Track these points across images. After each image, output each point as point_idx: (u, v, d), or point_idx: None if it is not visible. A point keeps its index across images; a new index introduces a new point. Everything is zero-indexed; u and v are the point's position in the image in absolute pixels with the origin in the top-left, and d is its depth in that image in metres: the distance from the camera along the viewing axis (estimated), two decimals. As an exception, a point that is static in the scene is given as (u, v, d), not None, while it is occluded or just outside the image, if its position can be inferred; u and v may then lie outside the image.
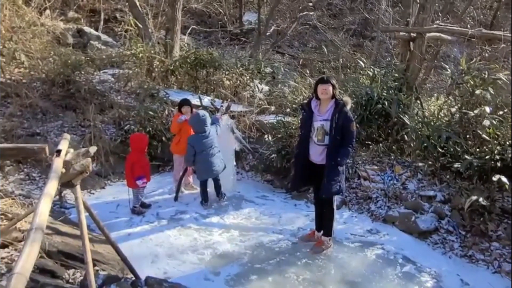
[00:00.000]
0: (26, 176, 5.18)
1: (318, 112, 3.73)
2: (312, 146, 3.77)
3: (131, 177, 4.60)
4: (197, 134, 4.76)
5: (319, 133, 3.69)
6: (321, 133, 3.69)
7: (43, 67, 6.60)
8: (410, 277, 3.62)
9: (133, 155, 4.68)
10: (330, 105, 3.68)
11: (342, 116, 3.60)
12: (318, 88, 3.68)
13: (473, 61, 5.02)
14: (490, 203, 4.00)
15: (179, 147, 5.09)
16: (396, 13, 10.34)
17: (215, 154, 4.80)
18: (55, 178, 2.15)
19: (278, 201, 5.20)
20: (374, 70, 6.27)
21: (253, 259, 3.84)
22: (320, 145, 3.71)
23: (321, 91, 3.66)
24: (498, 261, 3.79)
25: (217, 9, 13.10)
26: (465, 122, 4.77)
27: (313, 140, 3.75)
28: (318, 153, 3.75)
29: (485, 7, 12.64)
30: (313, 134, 3.74)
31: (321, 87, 3.66)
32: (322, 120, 3.68)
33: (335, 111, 3.61)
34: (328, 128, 3.64)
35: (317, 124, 3.71)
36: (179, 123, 5.05)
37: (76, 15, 10.51)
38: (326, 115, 3.66)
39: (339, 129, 3.60)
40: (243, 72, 7.34)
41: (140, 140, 4.73)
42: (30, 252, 1.49)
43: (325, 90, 3.63)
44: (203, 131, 4.71)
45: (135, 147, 4.69)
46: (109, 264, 3.49)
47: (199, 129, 4.73)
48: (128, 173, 4.63)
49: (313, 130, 3.74)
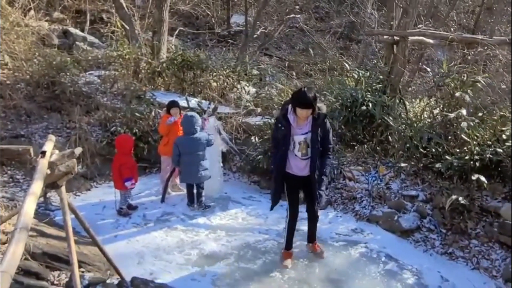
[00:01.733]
0: (10, 178, 5.13)
1: (296, 125, 3.51)
2: (293, 160, 3.59)
3: (119, 179, 4.59)
4: (185, 135, 4.79)
5: (302, 147, 3.54)
6: (304, 147, 3.54)
7: (28, 68, 6.53)
8: (392, 275, 3.71)
9: (119, 157, 4.67)
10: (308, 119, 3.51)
11: (323, 127, 3.50)
12: (298, 110, 3.41)
13: (452, 64, 5.16)
14: (469, 202, 4.12)
15: (167, 149, 5.11)
16: (381, 17, 10.51)
17: (201, 161, 4.77)
18: (40, 179, 2.16)
19: (265, 202, 5.24)
20: (359, 73, 6.38)
21: (240, 259, 3.88)
22: (304, 159, 3.57)
23: (300, 115, 3.43)
24: (476, 258, 3.91)
25: (205, 11, 13.12)
26: (446, 124, 4.91)
27: (294, 155, 3.57)
28: (302, 167, 3.60)
29: (467, 11, 12.95)
30: (294, 149, 3.55)
31: (301, 112, 3.41)
32: (303, 133, 3.51)
33: (316, 123, 3.47)
34: (310, 141, 3.51)
35: (298, 138, 3.53)
36: (168, 125, 5.06)
37: (62, 16, 10.41)
38: (306, 128, 3.50)
39: (321, 140, 3.51)
40: (230, 74, 7.38)
41: (126, 142, 4.74)
42: (15, 251, 1.51)
43: (305, 115, 3.43)
44: (191, 133, 4.74)
45: (121, 149, 4.68)
46: (94, 266, 3.50)
47: (187, 130, 4.76)
48: (116, 175, 4.63)
49: (293, 144, 3.55)
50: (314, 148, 3.52)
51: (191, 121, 4.74)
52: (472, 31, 10.27)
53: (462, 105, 4.72)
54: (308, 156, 3.55)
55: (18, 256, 1.53)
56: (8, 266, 1.45)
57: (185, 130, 4.78)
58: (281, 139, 3.56)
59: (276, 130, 3.66)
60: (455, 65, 5.22)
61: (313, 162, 3.55)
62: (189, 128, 4.74)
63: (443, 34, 5.79)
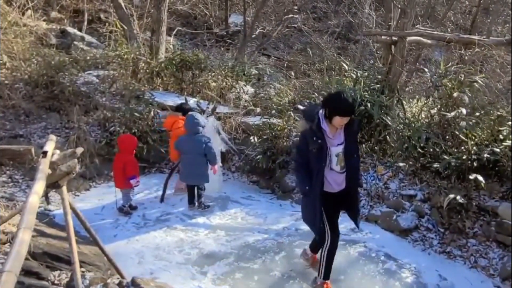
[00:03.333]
0: (9, 178, 5.13)
1: (330, 135, 3.09)
2: (331, 176, 3.14)
3: (122, 178, 4.63)
4: (187, 134, 4.80)
5: (340, 160, 3.11)
6: (342, 159, 3.12)
7: (26, 68, 6.53)
8: (391, 274, 3.73)
9: (123, 156, 4.72)
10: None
11: (355, 130, 3.18)
12: (337, 119, 2.98)
13: (449, 65, 5.19)
14: (467, 201, 4.15)
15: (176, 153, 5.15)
16: (379, 17, 10.55)
17: (201, 164, 4.74)
18: (42, 179, 2.17)
19: (264, 202, 5.27)
20: (357, 73, 6.41)
21: (239, 258, 3.89)
22: (342, 173, 3.16)
23: (338, 124, 3.01)
24: (474, 256, 3.95)
25: (203, 11, 13.11)
26: (443, 124, 4.94)
27: (330, 169, 3.13)
28: (340, 182, 3.19)
29: (464, 12, 13.02)
30: (332, 163, 3.11)
31: (340, 120, 2.99)
32: (339, 144, 3.10)
33: (352, 130, 3.13)
34: (345, 151, 3.12)
35: (336, 150, 3.09)
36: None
37: (59, 16, 10.37)
38: (341, 137, 3.11)
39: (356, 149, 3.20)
40: (228, 74, 7.39)
41: (130, 141, 4.82)
42: (19, 250, 1.52)
43: (343, 124, 3.03)
44: (194, 133, 4.74)
45: (125, 148, 4.73)
46: (94, 265, 3.50)
47: (190, 129, 4.77)
48: (119, 174, 4.65)
49: (329, 158, 3.09)
50: (352, 158, 3.15)
51: (194, 121, 4.75)
52: (469, 31, 10.32)
53: (460, 105, 4.75)
54: (345, 169, 3.16)
55: (23, 256, 1.54)
56: (12, 266, 1.46)
57: (188, 129, 4.79)
58: (317, 154, 3.06)
59: (304, 144, 3.12)
60: (453, 66, 5.25)
61: (350, 173, 3.17)
62: (192, 128, 4.74)
63: (440, 34, 5.82)
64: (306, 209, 3.36)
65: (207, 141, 4.77)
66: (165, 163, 6.06)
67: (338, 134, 3.09)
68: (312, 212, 3.22)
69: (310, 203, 3.24)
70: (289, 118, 5.80)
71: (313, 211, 3.20)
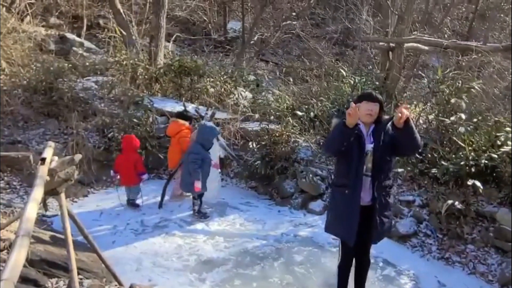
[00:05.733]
0: (7, 184, 5.11)
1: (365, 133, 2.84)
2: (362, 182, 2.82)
3: (134, 174, 4.91)
4: (198, 143, 4.71)
5: (369, 161, 2.82)
6: (370, 159, 2.82)
7: (25, 74, 6.52)
8: (390, 280, 3.73)
9: (131, 154, 4.93)
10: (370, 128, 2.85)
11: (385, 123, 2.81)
12: (364, 106, 2.77)
13: (447, 71, 5.23)
14: (465, 207, 4.16)
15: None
16: (376, 23, 10.62)
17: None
18: (41, 186, 2.16)
19: (262, 207, 5.26)
20: (355, 79, 6.45)
21: (238, 265, 3.88)
22: (368, 176, 2.83)
23: (366, 111, 2.77)
24: (473, 262, 3.95)
25: (202, 17, 13.18)
26: (441, 129, 4.97)
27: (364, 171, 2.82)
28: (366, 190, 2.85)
29: (461, 18, 13.12)
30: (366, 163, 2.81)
31: (366, 107, 2.76)
32: (370, 143, 2.83)
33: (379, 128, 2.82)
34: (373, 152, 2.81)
35: (367, 148, 2.82)
36: None
37: (58, 22, 10.40)
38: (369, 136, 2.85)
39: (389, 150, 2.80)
40: (227, 80, 7.42)
41: (135, 139, 5.06)
42: (17, 258, 1.52)
43: (371, 110, 2.77)
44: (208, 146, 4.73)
45: (132, 146, 4.96)
46: (92, 272, 3.48)
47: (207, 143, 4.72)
48: (131, 171, 4.89)
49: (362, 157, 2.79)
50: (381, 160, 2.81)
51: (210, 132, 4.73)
52: (466, 37, 10.41)
53: (457, 111, 4.78)
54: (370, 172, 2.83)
55: (21, 263, 1.54)
56: (10, 274, 1.46)
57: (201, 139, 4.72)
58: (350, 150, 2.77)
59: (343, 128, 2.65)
60: (450, 71, 5.29)
61: (375, 180, 2.82)
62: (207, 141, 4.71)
63: (437, 41, 5.88)
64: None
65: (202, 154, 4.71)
66: (164, 169, 6.05)
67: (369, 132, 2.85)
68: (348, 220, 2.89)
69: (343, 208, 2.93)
70: (288, 124, 5.82)
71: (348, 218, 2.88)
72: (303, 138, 5.80)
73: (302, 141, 5.76)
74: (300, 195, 5.30)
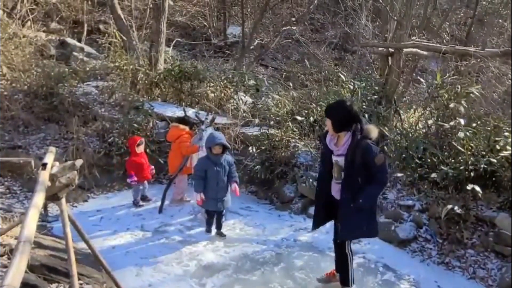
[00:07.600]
0: (7, 189, 5.11)
1: (334, 146, 3.25)
2: (332, 183, 3.36)
3: (147, 171, 5.26)
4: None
5: (335, 170, 3.28)
6: (336, 170, 3.27)
7: (25, 79, 6.55)
8: (390, 285, 3.73)
9: (139, 154, 5.17)
10: (346, 138, 3.15)
11: (360, 150, 3.04)
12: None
13: (446, 76, 5.26)
14: (465, 211, 4.17)
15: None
16: (375, 28, 10.67)
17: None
18: (42, 191, 2.17)
19: (262, 212, 5.27)
20: (354, 83, 6.47)
21: (238, 270, 3.88)
22: (338, 183, 3.28)
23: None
24: (473, 267, 3.95)
25: (202, 22, 13.23)
26: (441, 134, 4.98)
27: (333, 177, 3.34)
28: (336, 191, 3.32)
29: (459, 23, 13.19)
30: (333, 171, 3.32)
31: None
32: (337, 155, 3.22)
33: (351, 145, 3.10)
34: (343, 164, 3.18)
35: (334, 159, 3.27)
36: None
37: (59, 27, 10.45)
38: (342, 150, 3.17)
39: (357, 167, 3.07)
40: (227, 85, 7.44)
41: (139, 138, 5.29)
42: (19, 264, 1.52)
43: (327, 126, 3.21)
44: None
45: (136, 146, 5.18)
46: (92, 278, 3.48)
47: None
48: (146, 167, 5.25)
49: (333, 166, 3.31)
50: (346, 174, 3.18)
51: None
52: (464, 42, 10.45)
53: (456, 115, 4.80)
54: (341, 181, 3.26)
55: (23, 269, 1.54)
56: (12, 280, 1.46)
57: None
58: (322, 159, 3.53)
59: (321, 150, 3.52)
60: (449, 76, 5.32)
61: (342, 189, 3.21)
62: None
63: (436, 46, 5.90)
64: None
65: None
66: (164, 174, 6.06)
67: (342, 146, 3.18)
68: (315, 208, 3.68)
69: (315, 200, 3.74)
70: (287, 129, 5.83)
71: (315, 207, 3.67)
72: (303, 142, 5.82)
73: (302, 145, 5.77)
74: (300, 200, 5.31)
